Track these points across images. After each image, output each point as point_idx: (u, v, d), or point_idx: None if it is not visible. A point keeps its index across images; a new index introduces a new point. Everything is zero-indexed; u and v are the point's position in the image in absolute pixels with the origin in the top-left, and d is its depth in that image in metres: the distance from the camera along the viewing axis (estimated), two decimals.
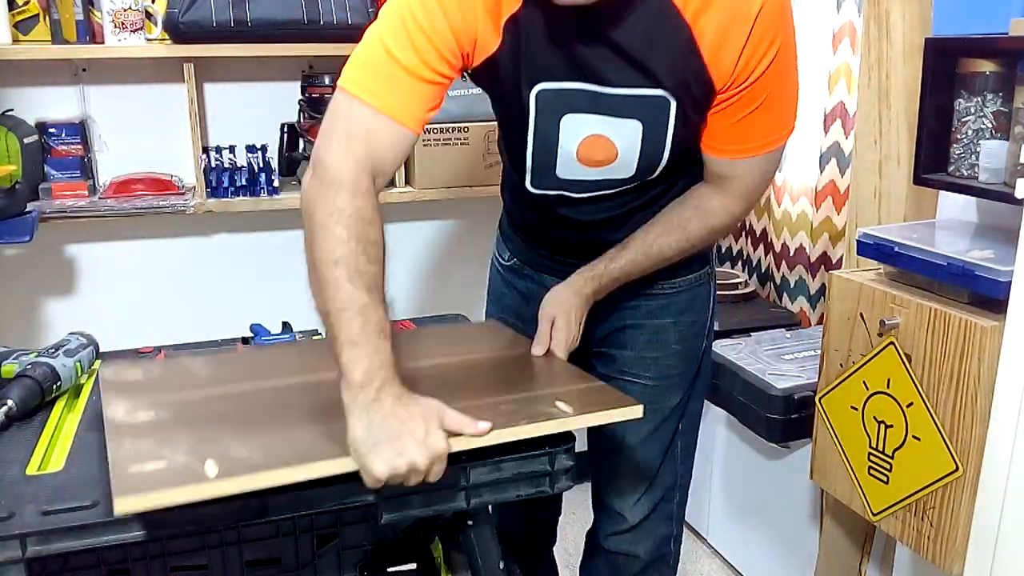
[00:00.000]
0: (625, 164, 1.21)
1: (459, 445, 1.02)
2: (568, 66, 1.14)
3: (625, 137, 1.18)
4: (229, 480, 0.93)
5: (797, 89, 1.21)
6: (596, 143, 1.19)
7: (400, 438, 0.96)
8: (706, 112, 1.17)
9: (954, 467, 1.26)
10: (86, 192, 2.01)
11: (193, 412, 1.14)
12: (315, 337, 1.52)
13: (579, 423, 1.10)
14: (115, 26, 1.94)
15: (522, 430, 1.06)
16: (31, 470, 1.06)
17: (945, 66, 1.36)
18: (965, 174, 1.37)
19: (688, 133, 1.19)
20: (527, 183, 1.27)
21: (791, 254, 2.18)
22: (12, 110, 2.01)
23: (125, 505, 0.87)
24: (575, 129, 1.19)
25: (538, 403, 1.13)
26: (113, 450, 0.99)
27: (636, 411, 1.13)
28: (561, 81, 1.15)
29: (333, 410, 1.10)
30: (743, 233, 2.43)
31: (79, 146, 2.05)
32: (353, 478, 1.00)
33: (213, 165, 2.08)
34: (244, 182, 2.09)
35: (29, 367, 1.21)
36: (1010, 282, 1.14)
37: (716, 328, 2.12)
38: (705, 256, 1.40)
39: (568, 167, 1.23)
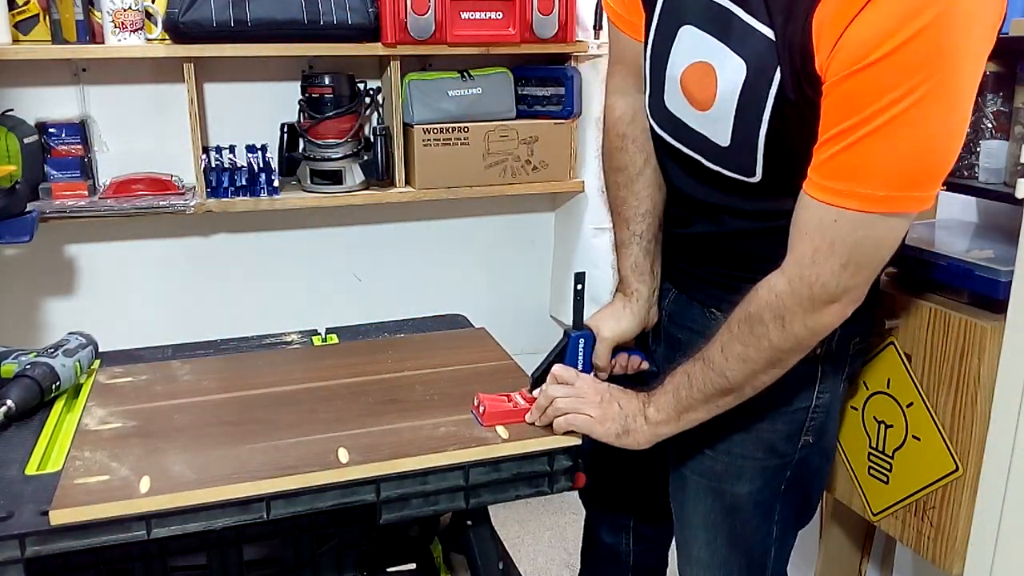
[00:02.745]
0: (720, 117, 0.98)
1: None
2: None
3: (729, 75, 0.96)
4: (157, 497, 0.98)
5: (952, 123, 0.84)
6: (699, 70, 0.99)
7: None
8: (808, 106, 0.89)
9: (954, 467, 1.26)
10: (86, 192, 2.01)
11: (157, 423, 1.17)
12: (314, 338, 1.52)
13: (508, 450, 1.11)
14: (115, 26, 1.94)
15: (443, 456, 1.08)
16: (30, 470, 1.06)
17: None
18: (965, 174, 1.37)
19: (790, 105, 0.91)
20: (647, 108, 1.11)
21: None
22: (12, 110, 2.01)
23: (60, 517, 0.95)
24: (687, 48, 1.01)
25: (476, 425, 1.15)
26: (69, 461, 1.05)
27: (575, 438, 1.13)
28: None
29: (288, 426, 1.14)
30: None
31: (79, 146, 2.05)
32: (325, 488, 1.03)
33: (213, 165, 2.08)
34: (244, 182, 2.09)
35: (28, 367, 1.21)
36: (1010, 282, 1.14)
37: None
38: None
39: (673, 95, 1.04)
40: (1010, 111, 1.29)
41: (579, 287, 1.19)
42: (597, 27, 2.29)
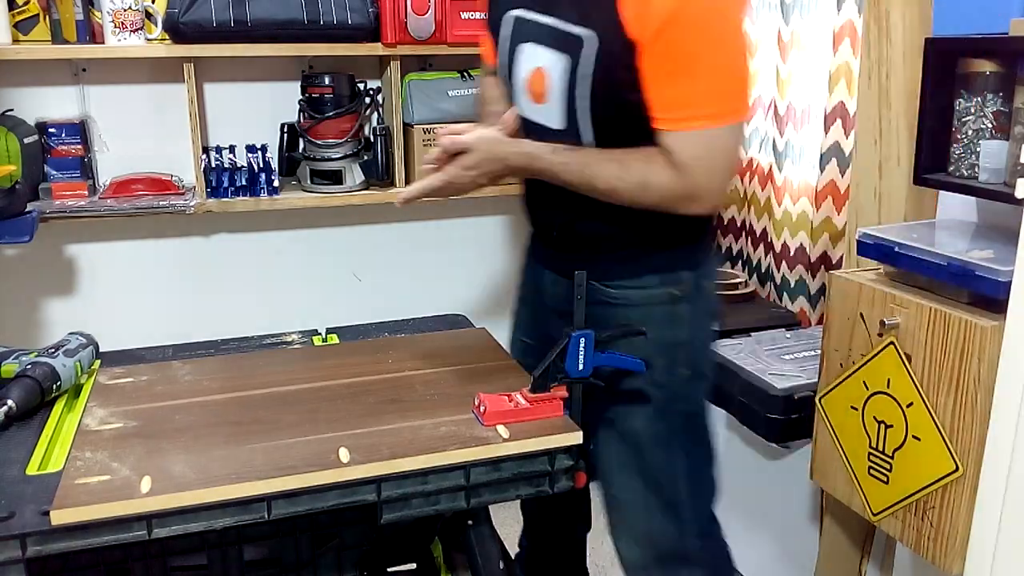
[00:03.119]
0: (553, 105, 1.23)
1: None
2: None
3: (555, 71, 1.21)
4: (158, 497, 0.98)
5: (738, 65, 1.16)
6: (537, 75, 1.25)
7: None
8: (629, 65, 1.14)
9: (954, 467, 1.26)
10: (86, 192, 2.01)
11: (158, 423, 1.17)
12: (315, 338, 1.52)
13: (508, 449, 1.11)
14: (115, 26, 1.94)
15: (444, 456, 1.08)
16: (31, 470, 1.06)
17: (945, 66, 1.36)
18: (965, 174, 1.37)
19: (612, 86, 1.17)
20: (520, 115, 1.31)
21: (791, 254, 2.18)
22: (12, 110, 2.01)
23: (61, 517, 0.95)
24: (526, 59, 1.26)
25: (481, 425, 1.15)
26: (70, 461, 1.05)
27: (575, 437, 1.14)
28: (523, 10, 1.25)
29: (288, 426, 1.14)
30: (743, 233, 2.43)
31: (79, 146, 2.05)
32: (326, 488, 1.03)
33: (213, 165, 2.08)
34: (244, 182, 2.09)
35: (29, 367, 1.21)
36: (1010, 282, 1.14)
37: (716, 328, 2.13)
38: (656, 265, 1.30)
39: (523, 101, 1.28)
40: (1010, 111, 1.29)
41: (579, 287, 1.20)
42: None
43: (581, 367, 1.21)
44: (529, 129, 1.30)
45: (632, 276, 1.30)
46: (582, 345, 1.20)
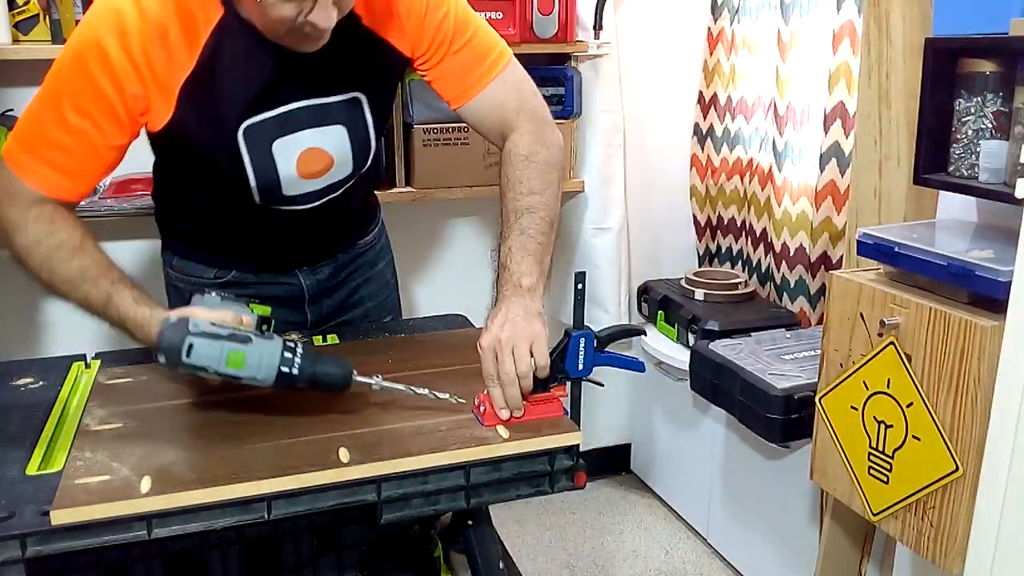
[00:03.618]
0: (342, 165, 1.32)
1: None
2: (267, 97, 1.22)
3: (335, 142, 1.29)
4: (158, 497, 0.98)
5: (478, 23, 1.33)
6: (311, 155, 1.28)
7: None
8: (394, 89, 1.38)
9: (954, 467, 1.26)
10: None
11: (158, 423, 1.17)
12: (315, 338, 1.52)
13: (508, 449, 1.11)
14: None
15: (444, 456, 1.08)
16: (31, 470, 1.06)
17: (945, 66, 1.36)
18: (965, 174, 1.37)
19: (384, 113, 1.35)
20: (257, 201, 1.32)
21: (791, 254, 2.18)
22: (12, 110, 2.01)
23: (60, 517, 0.95)
24: (288, 150, 1.27)
25: (476, 425, 1.15)
26: (69, 461, 1.05)
27: (575, 437, 1.14)
28: (263, 112, 1.23)
29: (288, 425, 1.14)
30: (743, 233, 2.43)
31: None
32: (332, 488, 1.03)
33: None
34: None
35: None
36: (1010, 282, 1.14)
37: (716, 328, 2.14)
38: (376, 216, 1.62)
39: (292, 185, 1.30)
40: (1010, 111, 1.29)
41: (579, 287, 1.20)
42: (597, 27, 2.29)
43: (581, 367, 1.21)
44: (300, 201, 1.33)
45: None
46: (582, 345, 1.21)
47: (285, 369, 1.09)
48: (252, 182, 1.28)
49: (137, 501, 0.97)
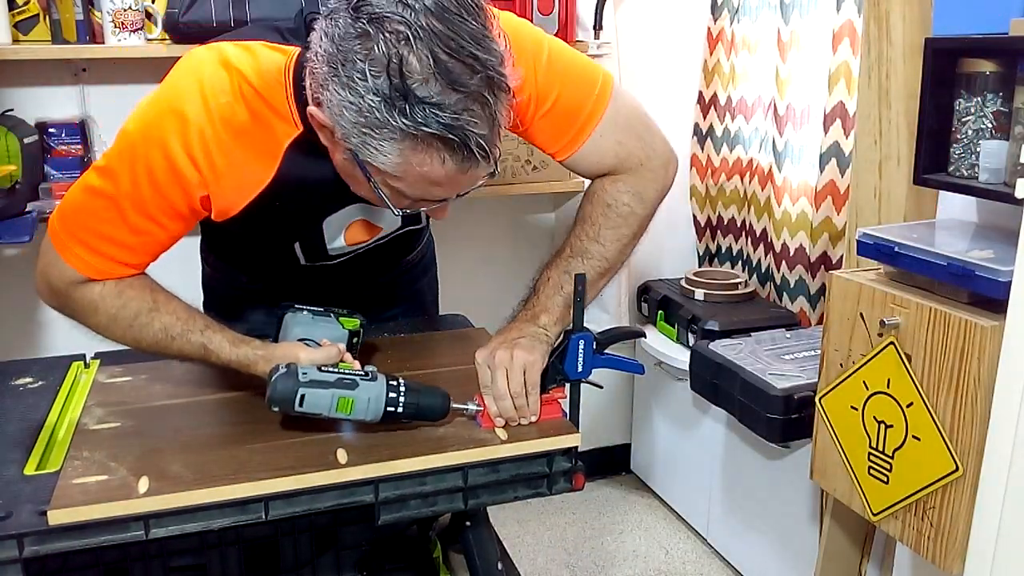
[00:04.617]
0: (391, 223, 1.30)
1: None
2: (326, 209, 1.22)
3: (384, 215, 1.27)
4: (156, 497, 0.98)
5: (571, 57, 1.21)
6: (359, 226, 1.28)
7: None
8: None
9: (954, 467, 1.26)
10: None
11: (156, 423, 1.17)
12: None
13: (506, 451, 1.11)
14: (115, 26, 1.94)
15: (442, 457, 1.08)
16: (29, 470, 1.06)
17: (945, 66, 1.36)
18: (965, 174, 1.36)
19: None
20: (302, 262, 1.32)
21: (791, 254, 2.18)
22: (12, 110, 2.01)
23: (58, 517, 0.95)
24: (337, 225, 1.26)
25: (475, 427, 1.15)
26: (67, 461, 1.05)
27: (574, 439, 1.13)
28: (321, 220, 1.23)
29: (286, 426, 1.13)
30: (743, 233, 2.43)
31: (79, 146, 2.05)
32: (330, 488, 1.03)
33: None
34: None
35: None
36: (1010, 282, 1.14)
37: (716, 328, 2.13)
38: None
39: (340, 249, 1.30)
40: (1010, 111, 1.29)
41: (579, 288, 1.19)
42: (597, 27, 2.29)
43: (580, 369, 1.21)
44: (345, 254, 1.32)
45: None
46: (581, 347, 1.20)
47: (391, 409, 1.10)
48: (299, 254, 1.30)
49: (135, 501, 0.97)
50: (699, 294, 2.32)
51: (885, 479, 1.38)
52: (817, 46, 2.04)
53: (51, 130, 2.03)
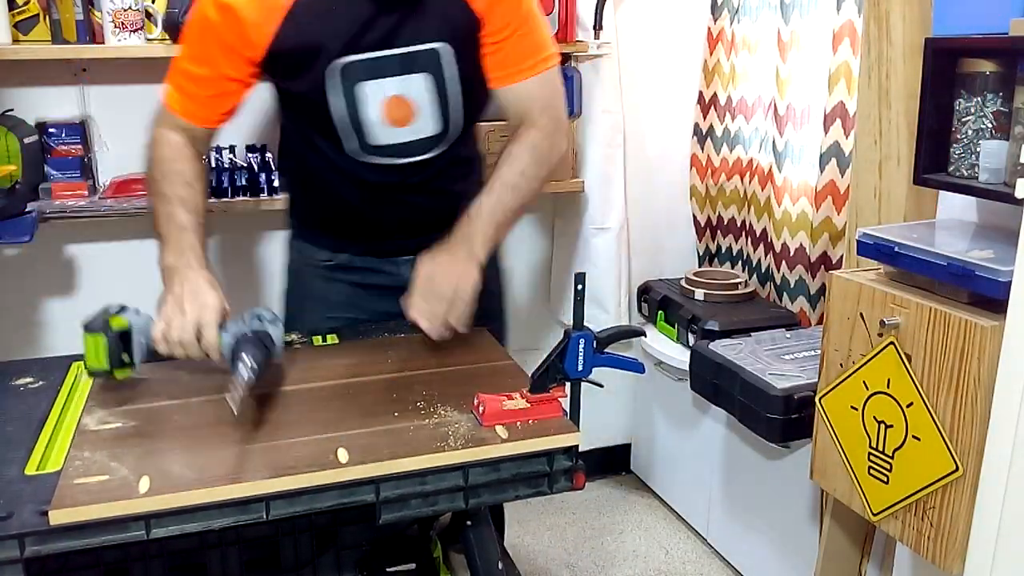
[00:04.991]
0: (427, 118, 1.40)
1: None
2: (359, 40, 1.31)
3: (417, 91, 1.37)
4: (156, 497, 0.98)
5: (542, 20, 1.45)
6: (394, 102, 1.37)
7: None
8: (476, 48, 1.39)
9: (954, 467, 1.26)
10: (86, 192, 2.01)
11: (157, 423, 1.17)
12: (315, 338, 1.51)
13: (507, 450, 1.11)
14: (115, 26, 1.94)
15: (442, 456, 1.08)
16: (30, 470, 1.06)
17: (945, 66, 1.36)
18: (965, 174, 1.36)
19: (473, 75, 1.40)
20: (347, 151, 1.41)
21: (791, 254, 2.18)
22: (12, 110, 2.01)
23: (59, 517, 0.95)
24: (372, 95, 1.36)
25: (480, 425, 1.15)
26: (68, 461, 1.05)
27: (574, 438, 1.14)
28: (348, 56, 1.32)
29: (287, 426, 1.13)
30: (743, 233, 2.43)
31: (79, 146, 2.05)
32: (324, 489, 1.03)
33: (213, 165, 2.08)
34: (244, 182, 2.09)
35: (252, 334, 1.21)
36: (1010, 282, 1.14)
37: (716, 328, 2.14)
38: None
39: (378, 132, 1.39)
40: (1010, 111, 1.29)
41: (579, 287, 1.20)
42: (597, 27, 2.29)
43: (580, 368, 1.21)
44: (391, 152, 1.42)
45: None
46: (581, 346, 1.20)
47: None
48: (334, 120, 1.37)
49: (135, 501, 0.97)
50: (699, 294, 2.32)
51: (885, 479, 1.39)
52: (817, 46, 2.04)
53: (51, 130, 2.03)
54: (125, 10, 1.93)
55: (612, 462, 2.78)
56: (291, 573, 1.32)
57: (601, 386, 1.26)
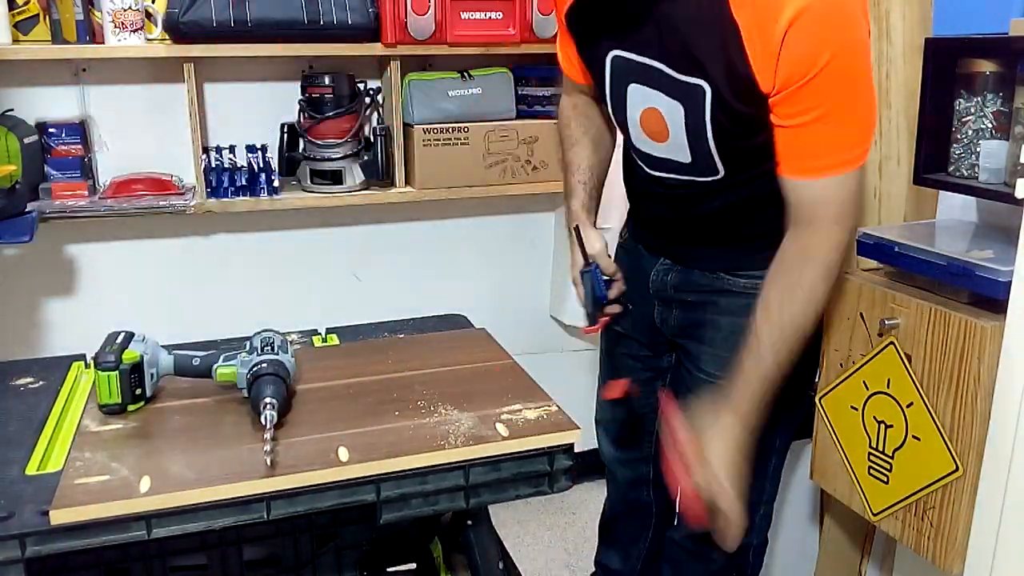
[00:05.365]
0: (678, 145, 1.26)
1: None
2: (635, 38, 1.22)
3: (672, 115, 1.24)
4: (157, 497, 0.98)
5: (867, 106, 1.16)
6: (652, 115, 1.27)
7: None
8: (751, 106, 1.15)
9: (954, 467, 1.26)
10: (86, 192, 2.00)
11: (157, 423, 1.17)
12: (315, 338, 1.52)
13: (508, 449, 1.12)
14: (115, 26, 1.94)
15: (443, 455, 1.09)
16: (31, 470, 1.06)
17: (945, 66, 1.36)
18: (965, 174, 1.37)
19: (731, 125, 1.19)
20: (632, 140, 1.36)
21: None
22: (12, 110, 2.01)
23: (60, 517, 0.95)
24: (637, 98, 1.27)
25: (480, 424, 1.15)
26: (69, 461, 1.05)
27: (573, 435, 1.14)
28: (626, 51, 1.25)
29: (288, 425, 1.14)
30: None
31: (79, 146, 2.05)
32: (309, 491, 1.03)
33: (213, 165, 2.08)
34: (244, 182, 2.09)
35: (266, 363, 1.18)
36: (1010, 282, 1.14)
37: None
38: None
39: (637, 134, 1.32)
40: (1010, 111, 1.29)
41: (578, 236, 1.40)
42: None
43: (599, 293, 1.37)
44: (652, 163, 1.34)
45: (761, 267, 1.26)
46: (598, 275, 1.38)
47: None
48: (608, 104, 1.34)
49: (136, 501, 0.97)
50: None
51: (885, 479, 1.39)
52: None
53: (51, 130, 2.03)
54: (125, 10, 1.93)
55: None
56: (291, 573, 1.32)
57: (631, 307, 1.40)
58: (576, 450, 1.16)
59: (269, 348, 1.23)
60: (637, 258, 1.50)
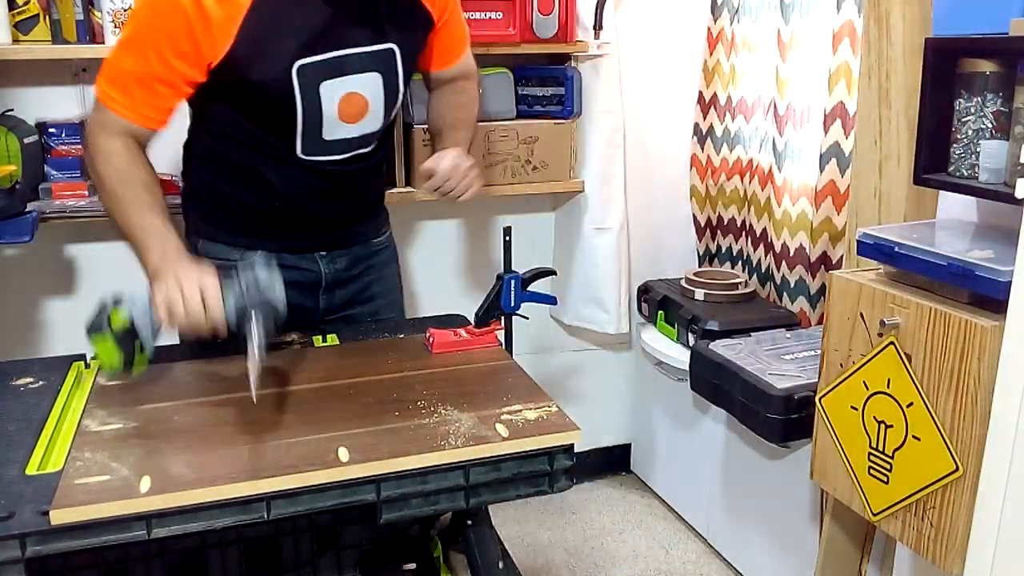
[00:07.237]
0: (375, 113, 1.47)
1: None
2: (319, 41, 1.36)
3: (372, 88, 1.44)
4: (157, 497, 0.99)
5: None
6: (350, 99, 1.42)
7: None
8: (423, 46, 1.53)
9: (954, 467, 1.26)
10: (86, 192, 2.00)
11: (158, 423, 1.17)
12: (315, 338, 1.51)
13: (508, 449, 1.12)
14: (115, 26, 1.93)
15: (443, 455, 1.09)
16: (31, 470, 1.06)
17: (945, 66, 1.36)
18: (965, 174, 1.37)
19: (411, 69, 1.51)
20: (298, 151, 1.44)
21: (791, 254, 2.18)
22: (12, 110, 2.01)
23: (60, 517, 0.95)
24: (332, 92, 1.40)
25: (480, 424, 1.15)
26: (69, 461, 1.06)
27: (573, 435, 1.14)
28: (316, 55, 1.36)
29: (288, 425, 1.13)
30: (743, 233, 2.43)
31: (79, 146, 2.04)
32: (332, 487, 1.03)
33: None
34: None
35: (255, 294, 1.18)
36: (1010, 282, 1.14)
37: (716, 328, 2.14)
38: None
39: (332, 127, 1.43)
40: (1010, 111, 1.29)
41: (507, 239, 1.57)
42: (597, 27, 2.29)
43: (512, 304, 1.51)
44: (340, 148, 1.47)
45: (385, 224, 1.72)
46: (512, 286, 1.51)
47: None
48: (299, 117, 1.39)
49: (136, 501, 0.97)
50: (699, 294, 2.32)
51: (885, 479, 1.39)
52: (817, 46, 2.04)
53: (51, 130, 2.03)
54: (125, 10, 1.93)
55: (612, 462, 2.78)
56: (291, 573, 1.32)
57: (527, 318, 1.55)
58: (576, 450, 1.16)
59: (251, 271, 1.21)
60: (295, 271, 1.54)
